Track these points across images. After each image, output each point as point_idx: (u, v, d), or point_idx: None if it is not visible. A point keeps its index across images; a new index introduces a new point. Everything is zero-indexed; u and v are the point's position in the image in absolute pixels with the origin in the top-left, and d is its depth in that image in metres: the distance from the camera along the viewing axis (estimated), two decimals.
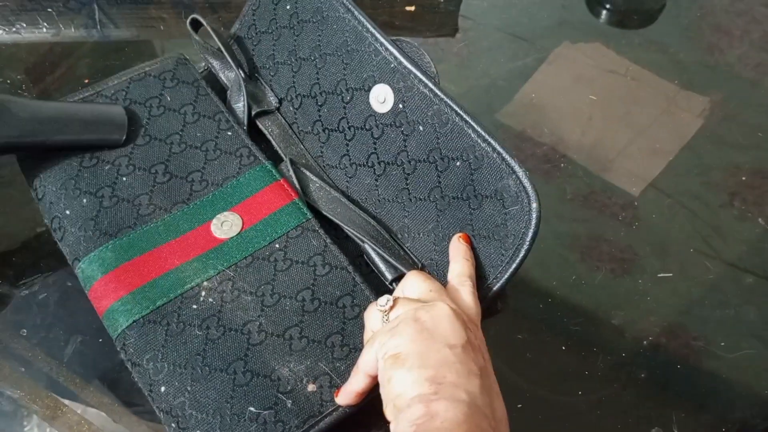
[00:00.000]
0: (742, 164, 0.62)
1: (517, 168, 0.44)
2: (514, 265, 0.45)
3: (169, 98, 0.55)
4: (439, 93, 0.48)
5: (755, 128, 0.65)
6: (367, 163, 0.52)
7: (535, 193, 0.44)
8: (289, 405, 0.43)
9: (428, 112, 0.48)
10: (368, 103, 0.51)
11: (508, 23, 0.73)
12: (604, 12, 0.75)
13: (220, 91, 0.59)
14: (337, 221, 0.51)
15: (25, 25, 0.71)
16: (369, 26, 0.51)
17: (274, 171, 0.52)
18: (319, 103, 0.54)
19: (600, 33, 0.72)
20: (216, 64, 0.59)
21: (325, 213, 0.52)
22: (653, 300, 0.54)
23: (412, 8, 0.74)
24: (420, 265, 0.49)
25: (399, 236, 0.51)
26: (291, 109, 0.57)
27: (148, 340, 0.45)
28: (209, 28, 0.58)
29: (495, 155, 0.45)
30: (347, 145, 0.53)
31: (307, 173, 0.53)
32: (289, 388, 0.43)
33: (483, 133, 0.46)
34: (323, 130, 0.54)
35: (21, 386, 0.49)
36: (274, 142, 0.56)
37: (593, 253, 0.57)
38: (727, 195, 0.60)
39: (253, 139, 0.55)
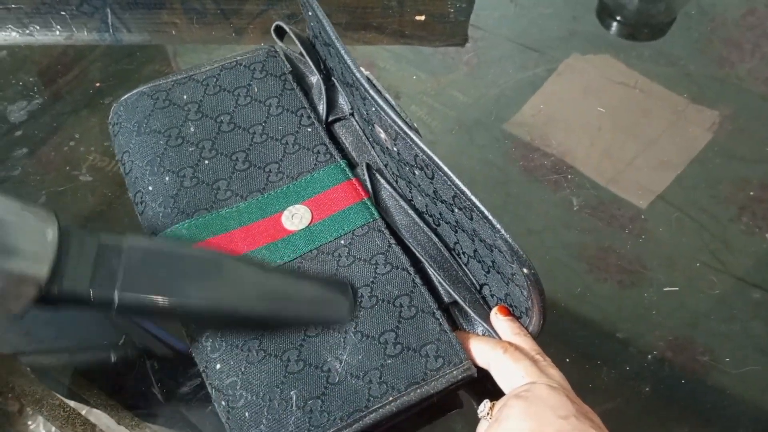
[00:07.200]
0: (751, 178, 0.62)
1: (502, 230, 0.40)
2: (537, 317, 0.44)
3: (256, 89, 0.57)
4: (416, 140, 0.43)
5: (765, 142, 0.65)
6: (412, 182, 0.51)
7: (528, 256, 0.39)
8: (336, 396, 0.43)
9: (415, 158, 0.45)
10: (380, 137, 0.50)
11: (518, 34, 0.73)
12: (615, 24, 0.75)
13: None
14: (400, 234, 0.51)
15: (38, 27, 0.72)
16: (350, 63, 0.47)
17: (347, 170, 0.53)
18: (365, 123, 0.54)
19: (610, 45, 0.72)
20: (298, 68, 0.60)
21: (390, 223, 0.51)
22: (659, 313, 0.54)
23: (422, 18, 0.74)
24: (478, 286, 0.49)
25: (456, 252, 0.50)
26: (358, 117, 0.57)
27: None
28: (292, 34, 0.59)
29: (484, 221, 0.41)
30: (396, 162, 0.52)
31: (381, 179, 0.53)
32: (338, 380, 0.44)
33: (464, 189, 0.41)
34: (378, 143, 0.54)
35: (27, 386, 0.49)
36: (348, 149, 0.57)
37: (600, 264, 0.57)
38: (735, 209, 0.60)
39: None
